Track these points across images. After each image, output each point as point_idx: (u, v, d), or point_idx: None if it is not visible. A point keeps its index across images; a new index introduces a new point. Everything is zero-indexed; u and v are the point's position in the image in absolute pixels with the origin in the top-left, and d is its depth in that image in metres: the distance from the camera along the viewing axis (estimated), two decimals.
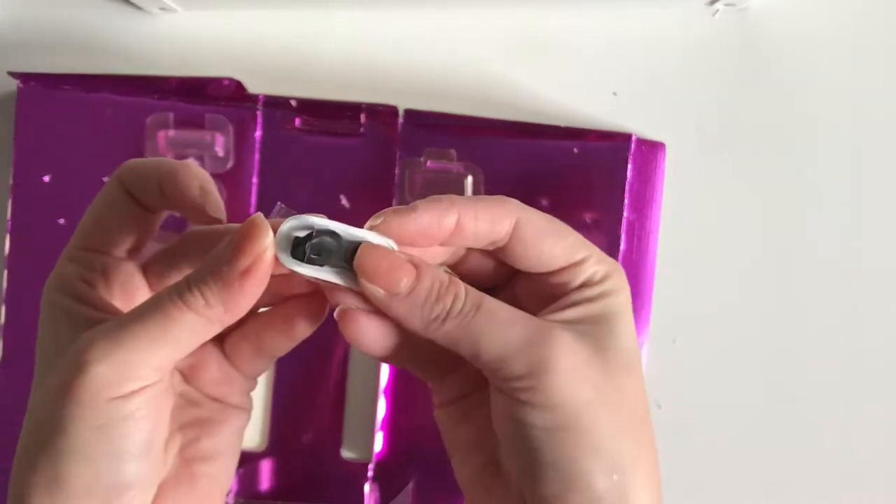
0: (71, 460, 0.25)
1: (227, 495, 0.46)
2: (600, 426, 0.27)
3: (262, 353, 0.31)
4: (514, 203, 0.29)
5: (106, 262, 0.30)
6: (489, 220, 0.28)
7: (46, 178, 0.46)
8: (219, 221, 0.30)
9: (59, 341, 0.28)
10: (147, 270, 0.32)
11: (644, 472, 0.28)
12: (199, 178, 0.29)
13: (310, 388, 0.47)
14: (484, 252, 0.30)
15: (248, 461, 0.47)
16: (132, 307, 0.29)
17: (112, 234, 0.30)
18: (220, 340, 0.31)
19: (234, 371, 0.31)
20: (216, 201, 0.29)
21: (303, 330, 0.30)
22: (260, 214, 0.26)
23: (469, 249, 0.30)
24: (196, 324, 0.26)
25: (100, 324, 0.27)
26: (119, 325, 0.26)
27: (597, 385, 0.27)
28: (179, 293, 0.26)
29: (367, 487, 0.47)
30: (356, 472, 0.47)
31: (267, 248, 0.26)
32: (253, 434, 0.47)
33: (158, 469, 0.28)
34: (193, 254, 0.31)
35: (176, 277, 0.31)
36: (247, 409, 0.32)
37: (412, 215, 0.27)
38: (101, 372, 0.25)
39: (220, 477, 0.30)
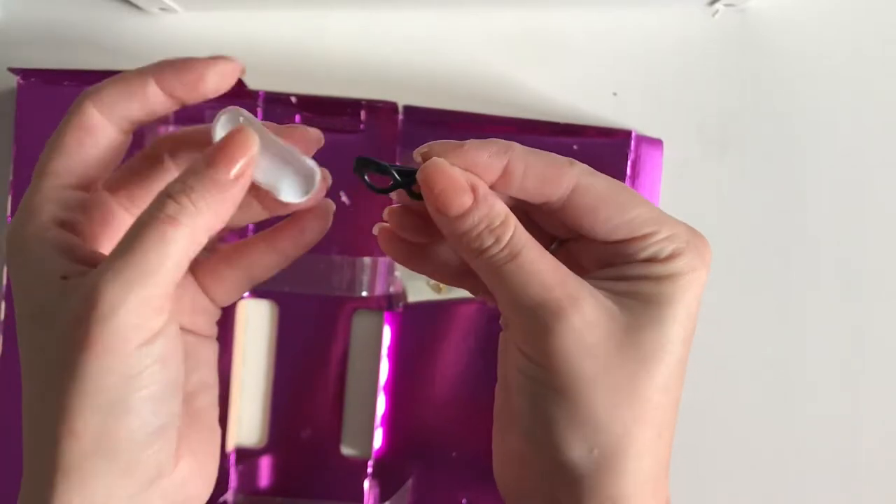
0: (116, 412, 0.25)
1: (227, 492, 0.46)
2: (595, 403, 0.26)
3: (249, 276, 0.31)
4: (578, 168, 0.27)
5: (85, 199, 0.28)
6: (539, 180, 0.27)
7: None
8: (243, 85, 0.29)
9: (45, 295, 0.26)
10: (114, 192, 0.30)
11: (637, 461, 0.27)
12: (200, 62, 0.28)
13: (309, 385, 0.47)
14: None
15: (247, 457, 0.47)
16: (115, 237, 0.28)
17: (93, 168, 0.28)
18: (191, 268, 0.30)
19: (205, 300, 0.31)
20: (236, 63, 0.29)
21: (314, 234, 0.30)
22: (249, 129, 0.27)
23: None
24: (191, 237, 0.26)
25: (87, 266, 0.26)
26: (119, 262, 0.25)
27: (608, 365, 0.26)
28: (165, 209, 0.25)
29: (366, 484, 0.47)
30: (356, 469, 0.47)
31: (255, 149, 0.27)
32: (253, 430, 0.47)
33: (180, 408, 0.28)
34: (178, 158, 0.30)
35: (149, 195, 0.29)
36: (215, 337, 0.32)
37: (457, 151, 0.27)
38: (123, 319, 0.24)
39: (215, 408, 0.30)
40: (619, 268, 0.27)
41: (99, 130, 0.28)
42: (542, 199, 0.27)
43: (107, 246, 0.29)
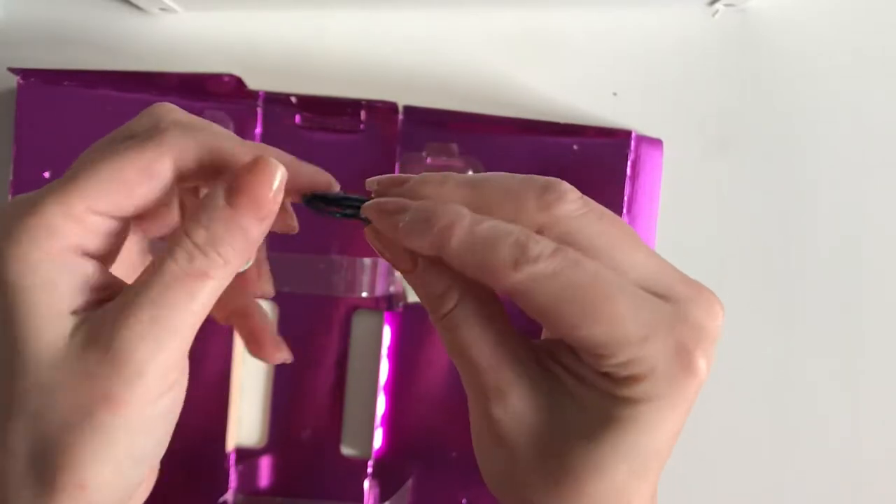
0: (124, 466, 0.24)
1: (227, 492, 0.46)
2: (509, 481, 0.26)
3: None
4: (526, 271, 0.23)
5: (112, 226, 0.26)
6: (476, 275, 0.24)
7: (46, 174, 0.46)
8: (292, 229, 0.29)
9: (53, 333, 0.24)
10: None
11: None
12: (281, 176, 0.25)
13: (309, 385, 0.47)
14: None
15: (247, 457, 0.47)
16: (129, 261, 0.28)
17: (129, 207, 0.25)
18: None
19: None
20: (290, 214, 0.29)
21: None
22: (271, 160, 0.25)
23: None
24: (218, 289, 0.25)
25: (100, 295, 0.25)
26: (146, 317, 0.23)
27: (524, 460, 0.25)
28: (193, 261, 0.24)
29: (366, 484, 0.47)
30: (356, 469, 0.47)
31: (280, 181, 0.25)
32: (253, 430, 0.47)
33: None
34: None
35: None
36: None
37: (392, 229, 0.25)
38: (149, 380, 0.24)
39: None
40: (577, 363, 0.25)
41: (160, 171, 0.25)
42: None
43: (118, 269, 0.28)
